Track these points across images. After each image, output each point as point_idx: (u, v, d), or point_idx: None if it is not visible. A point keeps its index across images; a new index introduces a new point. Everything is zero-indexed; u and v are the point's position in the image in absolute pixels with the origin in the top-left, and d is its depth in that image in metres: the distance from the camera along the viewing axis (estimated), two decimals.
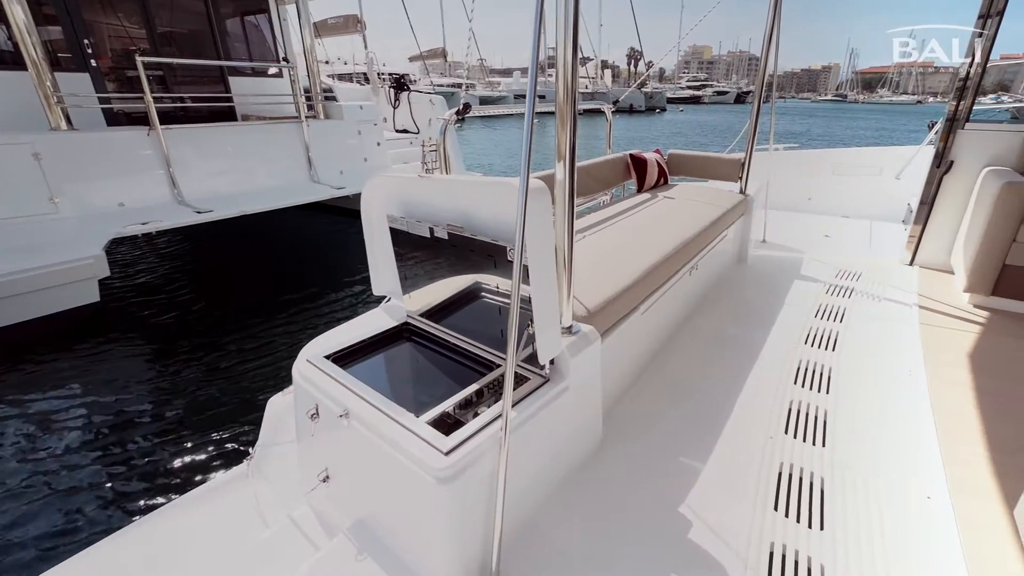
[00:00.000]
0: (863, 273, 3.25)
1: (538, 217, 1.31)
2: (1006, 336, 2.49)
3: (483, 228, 1.47)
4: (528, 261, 1.32)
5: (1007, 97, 22.31)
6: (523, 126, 1.17)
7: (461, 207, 1.52)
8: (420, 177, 1.58)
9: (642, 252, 2.24)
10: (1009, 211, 2.55)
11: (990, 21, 2.75)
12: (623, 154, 3.52)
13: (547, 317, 1.43)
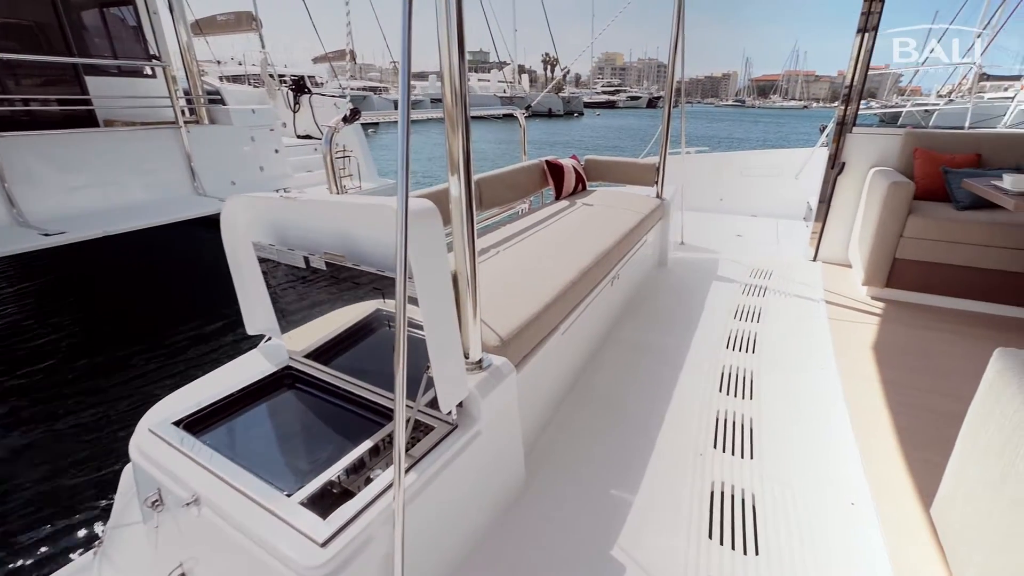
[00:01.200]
0: (774, 271, 3.42)
1: (426, 242, 1.11)
2: (901, 325, 2.70)
3: (367, 256, 1.25)
4: (417, 293, 1.12)
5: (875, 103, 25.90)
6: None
7: (340, 232, 1.29)
8: (286, 198, 1.32)
9: (562, 266, 2.12)
10: (895, 208, 2.77)
11: (867, 35, 3.03)
12: (539, 161, 3.43)
13: (447, 357, 1.23)
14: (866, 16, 2.99)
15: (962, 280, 2.78)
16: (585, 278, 2.13)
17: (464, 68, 1.16)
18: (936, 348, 2.46)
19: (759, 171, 5.08)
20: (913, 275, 2.88)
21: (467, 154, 1.21)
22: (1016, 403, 1.15)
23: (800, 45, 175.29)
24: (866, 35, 3.02)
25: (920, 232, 2.77)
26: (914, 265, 2.85)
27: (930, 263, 2.81)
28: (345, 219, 1.28)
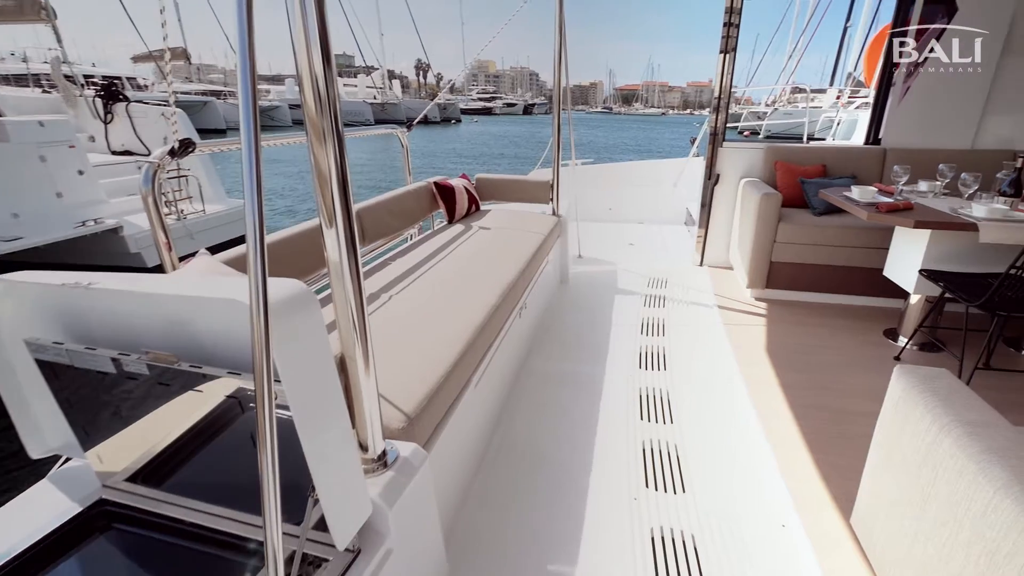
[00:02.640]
0: (668, 279, 3.60)
1: (298, 333, 0.83)
2: (784, 323, 2.98)
3: (211, 355, 0.92)
4: (288, 401, 0.83)
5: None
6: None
7: (170, 321, 0.93)
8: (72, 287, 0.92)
9: (467, 305, 1.92)
10: (768, 218, 3.05)
11: (727, 55, 3.37)
12: (427, 183, 3.19)
13: (337, 473, 0.95)
14: (725, 39, 3.35)
15: (826, 277, 3.17)
16: (494, 316, 1.95)
17: (332, 66, 0.89)
18: (814, 343, 2.74)
19: (642, 180, 5.42)
20: (787, 276, 3.21)
21: (343, 180, 0.92)
22: (926, 422, 1.20)
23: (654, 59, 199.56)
24: (727, 55, 3.36)
25: (789, 237, 3.08)
26: (787, 267, 3.17)
27: (799, 264, 3.15)
28: (176, 308, 0.93)
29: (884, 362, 2.54)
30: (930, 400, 1.25)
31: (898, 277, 2.61)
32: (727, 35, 3.31)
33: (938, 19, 3.17)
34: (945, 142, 3.40)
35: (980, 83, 3.25)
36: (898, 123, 3.42)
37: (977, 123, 3.34)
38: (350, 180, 0.94)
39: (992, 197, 2.32)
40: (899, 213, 2.33)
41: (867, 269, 3.03)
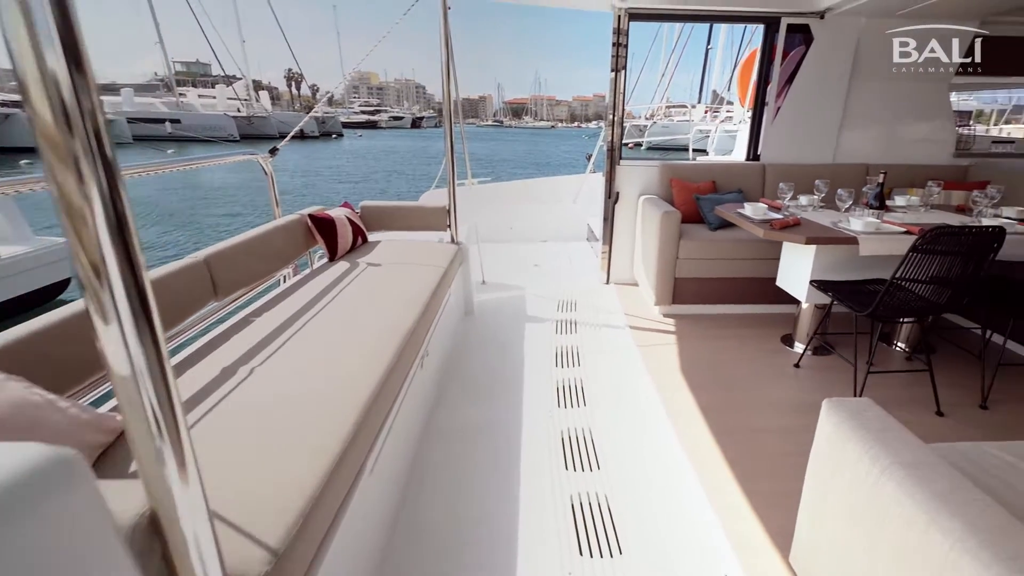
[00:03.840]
0: (577, 300, 3.54)
1: None
2: (693, 338, 3.04)
3: None
4: None
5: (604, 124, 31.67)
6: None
7: None
8: None
9: (358, 367, 1.58)
10: (670, 236, 3.10)
11: (619, 73, 3.43)
12: (299, 216, 2.73)
13: None
14: (615, 59, 3.40)
15: (726, 289, 3.31)
16: (391, 376, 1.63)
17: (84, 63, 0.54)
18: (724, 357, 2.81)
19: (541, 197, 5.39)
20: (691, 290, 3.30)
21: (119, 229, 0.57)
22: (865, 464, 1.14)
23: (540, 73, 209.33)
24: (618, 74, 3.42)
25: (690, 253, 3.16)
26: (691, 282, 3.26)
27: (701, 279, 3.26)
28: None
29: (786, 370, 2.68)
30: (865, 438, 1.19)
31: (790, 287, 2.76)
32: (616, 55, 3.37)
33: (797, 45, 3.51)
34: (812, 157, 3.78)
35: (835, 104, 3.66)
36: (772, 141, 3.74)
37: (836, 140, 3.77)
38: (133, 228, 0.58)
39: (862, 210, 2.52)
40: (790, 229, 2.45)
41: (762, 279, 3.22)
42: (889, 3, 3.18)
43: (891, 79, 3.63)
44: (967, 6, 3.26)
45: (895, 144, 3.81)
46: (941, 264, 2.02)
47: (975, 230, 1.96)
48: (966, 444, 1.42)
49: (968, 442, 1.40)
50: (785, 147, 3.74)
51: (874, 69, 3.60)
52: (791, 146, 3.74)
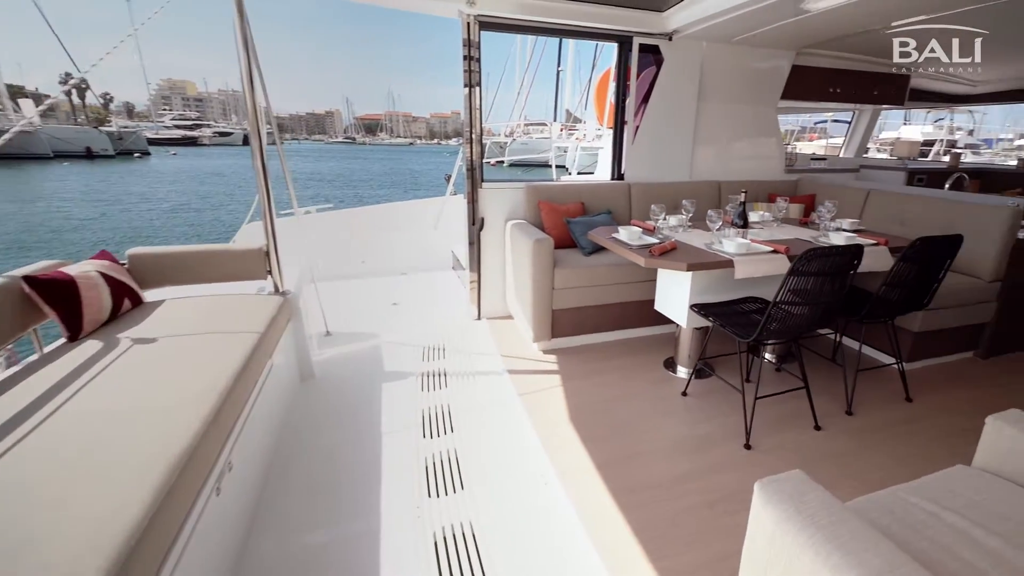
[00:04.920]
0: (446, 345, 3.07)
1: None
2: (577, 377, 2.77)
3: None
4: None
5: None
6: None
7: None
8: None
9: (90, 530, 0.90)
10: (544, 265, 2.80)
11: (473, 89, 3.08)
12: (7, 279, 1.79)
13: None
14: (468, 73, 3.05)
15: (606, 316, 3.14)
16: (156, 524, 0.98)
17: None
18: (611, 394, 2.60)
19: (397, 224, 4.80)
20: (570, 321, 3.06)
21: None
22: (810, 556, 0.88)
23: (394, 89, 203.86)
24: (472, 89, 3.08)
25: (567, 282, 2.92)
26: (569, 312, 3.03)
27: (580, 308, 3.04)
28: None
29: (675, 402, 2.56)
30: (815, 537, 0.96)
31: (670, 312, 2.66)
32: (469, 69, 3.03)
33: (649, 65, 3.54)
34: (672, 175, 3.87)
35: (687, 123, 3.80)
36: (634, 160, 3.74)
37: (690, 158, 3.90)
38: None
39: (729, 229, 2.50)
40: (669, 255, 2.31)
41: (640, 302, 3.12)
42: (726, 30, 3.37)
43: (730, 101, 3.91)
44: (787, 38, 3.61)
45: (737, 162, 4.10)
46: (814, 284, 2.00)
47: (840, 249, 1.98)
48: (882, 494, 1.30)
49: (883, 491, 1.30)
50: (647, 166, 3.77)
51: (716, 91, 3.82)
52: (652, 165, 3.79)
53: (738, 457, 2.10)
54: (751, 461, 2.07)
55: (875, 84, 4.45)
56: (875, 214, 3.45)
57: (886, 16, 3.04)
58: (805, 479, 1.10)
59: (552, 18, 3.12)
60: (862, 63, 4.34)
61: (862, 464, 2.07)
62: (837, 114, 7.15)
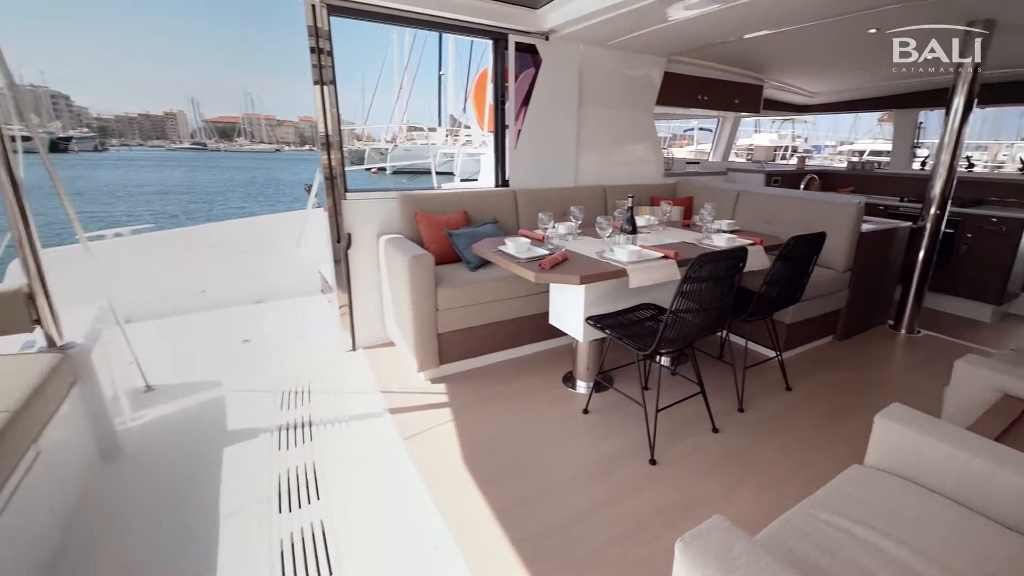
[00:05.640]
0: (311, 387, 2.65)
1: None
2: (472, 407, 2.53)
3: None
4: None
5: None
6: None
7: None
8: None
9: None
10: (424, 285, 2.54)
11: (326, 87, 2.70)
12: None
13: None
14: (319, 69, 2.67)
15: (498, 334, 2.94)
16: None
17: None
18: (510, 422, 2.41)
19: (248, 244, 4.15)
20: (460, 345, 2.83)
21: None
22: None
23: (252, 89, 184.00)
24: (324, 87, 2.71)
25: (452, 302, 2.68)
26: (458, 335, 2.79)
27: (470, 328, 2.82)
28: None
29: (577, 421, 2.45)
30: None
31: (566, 326, 2.56)
32: (319, 63, 2.66)
33: (528, 66, 3.46)
34: (558, 181, 3.81)
35: (570, 128, 3.77)
36: (519, 165, 3.62)
37: (575, 163, 3.88)
38: None
39: (619, 235, 2.46)
40: (561, 267, 2.19)
41: (534, 316, 2.99)
42: (600, 33, 3.39)
43: (610, 106, 3.98)
44: (658, 44, 3.76)
45: (619, 166, 4.20)
46: (707, 288, 2.00)
47: (728, 253, 2.00)
48: (795, 514, 1.27)
49: (795, 510, 1.29)
50: (532, 171, 3.68)
51: (596, 95, 3.86)
52: (537, 170, 3.71)
53: (644, 474, 2.05)
54: (658, 478, 2.04)
55: (736, 93, 4.89)
56: (745, 214, 3.72)
57: (738, 29, 3.31)
58: (726, 528, 1.02)
59: (417, 7, 2.87)
60: (725, 73, 4.74)
61: (759, 460, 2.17)
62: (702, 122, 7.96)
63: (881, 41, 3.45)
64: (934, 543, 1.11)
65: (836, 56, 4.07)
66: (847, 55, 4.05)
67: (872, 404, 2.64)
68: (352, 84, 50.94)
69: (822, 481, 2.03)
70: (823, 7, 2.81)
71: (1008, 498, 1.20)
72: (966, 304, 4.11)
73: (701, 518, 1.02)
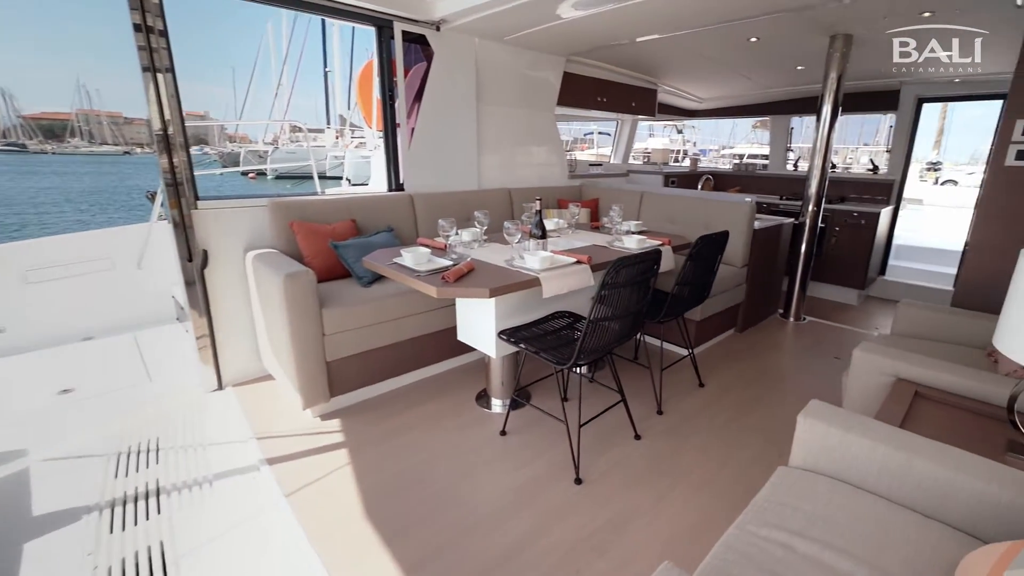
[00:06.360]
0: (161, 446, 2.20)
1: None
2: (371, 444, 2.27)
3: None
4: None
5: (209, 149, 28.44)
6: None
7: None
8: None
9: None
10: (303, 306, 2.22)
11: (162, 76, 2.29)
12: None
13: None
14: (148, 52, 2.25)
15: (401, 355, 2.70)
16: None
17: None
18: (419, 458, 2.18)
19: (73, 266, 3.42)
20: (355, 372, 2.53)
21: None
22: None
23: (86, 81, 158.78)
24: (157, 75, 2.28)
25: (342, 324, 2.37)
26: (352, 361, 2.50)
27: (365, 352, 2.54)
28: None
29: (495, 446, 2.29)
30: None
31: (476, 342, 2.40)
32: (148, 45, 2.23)
33: (419, 61, 3.25)
34: (459, 184, 3.63)
35: (469, 127, 3.61)
36: (414, 167, 3.38)
37: (477, 165, 3.73)
38: None
39: (528, 241, 2.34)
40: (467, 279, 2.01)
41: (441, 332, 2.79)
42: (495, 26, 3.28)
43: (511, 105, 3.90)
44: (555, 43, 3.75)
45: (523, 168, 4.14)
46: (624, 294, 1.95)
47: (642, 256, 1.96)
48: (735, 535, 1.23)
49: (734, 529, 1.25)
50: (429, 174, 3.46)
51: (495, 93, 3.76)
52: (436, 173, 3.50)
53: (571, 496, 1.95)
54: (585, 497, 1.95)
55: (633, 96, 5.09)
56: (650, 214, 3.82)
57: (630, 32, 3.42)
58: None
59: None
60: (623, 76, 4.90)
61: (683, 463, 2.19)
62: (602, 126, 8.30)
63: (760, 48, 3.78)
64: (868, 546, 1.12)
65: (721, 63, 4.39)
66: (730, 62, 4.38)
67: (777, 392, 2.91)
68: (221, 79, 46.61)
69: (745, 476, 2.09)
70: (706, 14, 2.99)
71: (924, 488, 1.23)
72: (837, 290, 4.67)
73: (634, 536, 0.91)
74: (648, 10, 2.85)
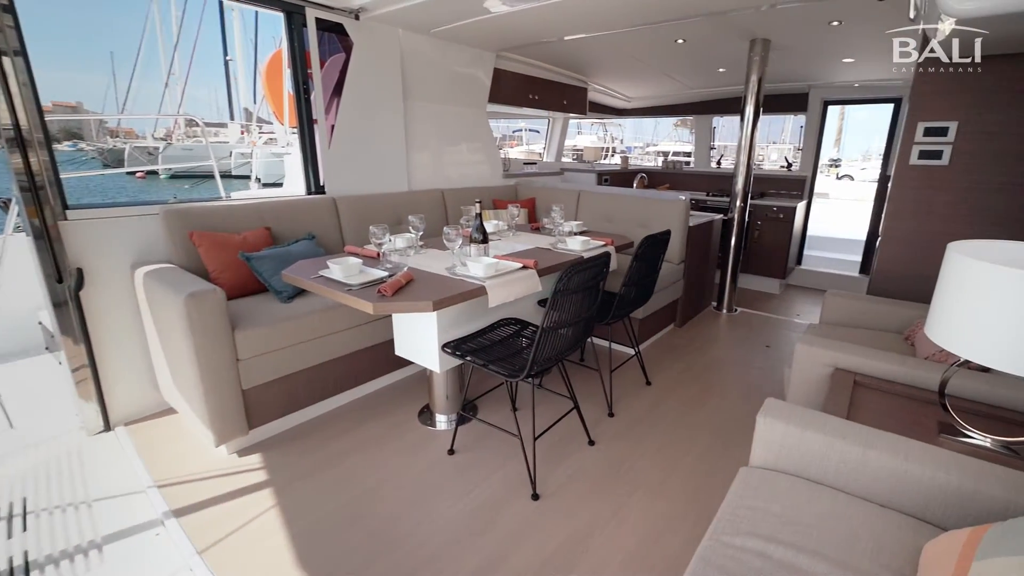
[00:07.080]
0: (28, 508, 1.88)
1: None
2: (302, 479, 2.06)
3: None
4: None
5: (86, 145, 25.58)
6: None
7: None
8: None
9: None
10: (211, 329, 1.98)
11: (9, 60, 1.96)
12: None
13: None
14: None
15: (333, 375, 2.50)
16: None
17: None
18: (359, 489, 2.01)
19: None
20: (278, 398, 2.30)
21: None
22: None
23: None
24: (4, 58, 1.95)
25: (259, 348, 2.14)
26: (273, 387, 2.26)
27: (288, 375, 2.31)
28: None
29: (443, 467, 2.17)
30: None
31: (417, 357, 2.26)
32: None
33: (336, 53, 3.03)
34: (388, 186, 3.45)
35: (396, 124, 3.44)
36: (336, 168, 3.16)
37: (406, 165, 3.56)
38: None
39: (469, 246, 2.24)
40: (405, 291, 1.87)
41: (376, 346, 2.62)
42: (421, 18, 3.15)
43: (440, 101, 3.78)
44: (484, 38, 3.68)
45: (456, 168, 4.02)
46: (576, 300, 1.90)
47: (594, 261, 1.92)
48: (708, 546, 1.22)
49: (707, 540, 1.24)
50: (354, 175, 3.25)
51: (423, 89, 3.62)
52: (361, 173, 3.29)
53: (528, 514, 1.88)
54: (544, 514, 1.89)
55: (564, 94, 5.13)
56: (588, 213, 3.84)
57: (558, 30, 3.43)
58: None
59: None
60: (554, 74, 4.92)
61: (638, 467, 2.19)
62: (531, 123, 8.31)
63: (686, 51, 3.93)
64: (838, 545, 1.14)
65: (648, 63, 4.53)
66: (657, 63, 4.54)
67: (719, 386, 3.02)
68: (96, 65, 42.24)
69: (699, 475, 2.11)
70: (631, 16, 3.06)
71: (879, 479, 1.28)
72: (762, 280, 5.01)
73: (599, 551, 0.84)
74: (575, 9, 2.87)
